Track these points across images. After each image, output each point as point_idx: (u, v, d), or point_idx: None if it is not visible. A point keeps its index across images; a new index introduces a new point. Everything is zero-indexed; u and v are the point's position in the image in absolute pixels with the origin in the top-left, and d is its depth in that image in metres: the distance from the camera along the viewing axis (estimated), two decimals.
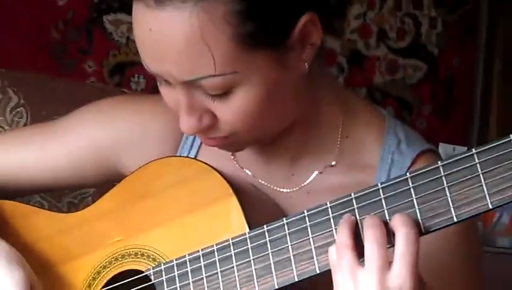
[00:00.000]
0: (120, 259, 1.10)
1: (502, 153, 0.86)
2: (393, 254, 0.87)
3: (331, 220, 0.93)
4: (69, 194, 1.74)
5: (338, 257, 0.90)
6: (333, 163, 1.12)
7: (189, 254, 1.02)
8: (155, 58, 0.99)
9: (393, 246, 0.88)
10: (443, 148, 2.64)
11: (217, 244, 1.00)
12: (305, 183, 1.13)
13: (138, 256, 1.08)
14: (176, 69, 0.97)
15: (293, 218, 0.96)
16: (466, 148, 2.69)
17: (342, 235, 0.90)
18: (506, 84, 3.08)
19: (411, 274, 0.86)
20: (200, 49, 0.94)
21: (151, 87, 2.42)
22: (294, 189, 1.13)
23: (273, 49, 0.98)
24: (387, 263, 0.87)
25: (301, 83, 1.04)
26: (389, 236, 0.89)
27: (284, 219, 0.97)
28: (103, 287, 1.10)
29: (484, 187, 0.86)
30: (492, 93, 3.06)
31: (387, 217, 0.90)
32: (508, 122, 3.05)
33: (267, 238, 0.97)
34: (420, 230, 0.89)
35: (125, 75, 2.47)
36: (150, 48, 0.98)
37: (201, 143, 1.18)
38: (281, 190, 1.13)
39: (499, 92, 3.06)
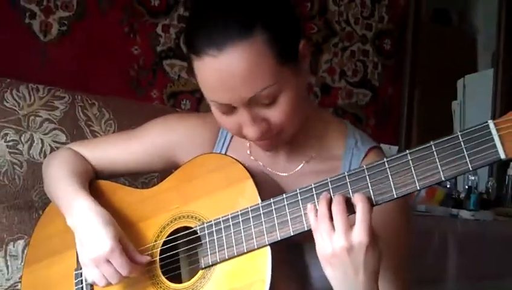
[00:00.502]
0: (177, 219, 1.10)
1: (425, 153, 0.86)
2: (355, 220, 0.88)
3: (314, 195, 0.94)
4: (142, 176, 1.73)
5: (319, 222, 0.91)
6: (314, 156, 1.11)
7: (222, 217, 1.02)
8: (227, 90, 0.95)
9: (354, 213, 0.89)
10: (382, 147, 2.63)
11: (240, 211, 1.00)
12: (297, 169, 1.12)
13: (189, 217, 1.08)
14: (241, 91, 0.94)
15: (290, 194, 0.96)
16: (397, 147, 2.69)
17: (321, 207, 0.91)
18: (422, 105, 3.09)
19: (367, 233, 0.88)
20: (254, 71, 0.93)
21: (194, 108, 2.43)
22: (290, 173, 1.12)
23: (292, 63, 0.97)
24: (349, 226, 0.88)
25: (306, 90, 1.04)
26: (352, 207, 0.90)
27: (284, 194, 0.97)
28: (166, 238, 1.10)
29: (414, 176, 0.87)
30: (414, 112, 3.05)
31: (351, 194, 0.91)
32: (422, 131, 3.05)
33: (273, 207, 0.97)
34: (372, 203, 0.90)
35: (177, 100, 2.45)
36: (222, 83, 0.94)
37: (228, 145, 1.18)
38: (281, 174, 1.12)
39: (417, 110, 3.06)
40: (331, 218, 0.90)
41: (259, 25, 0.92)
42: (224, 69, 0.93)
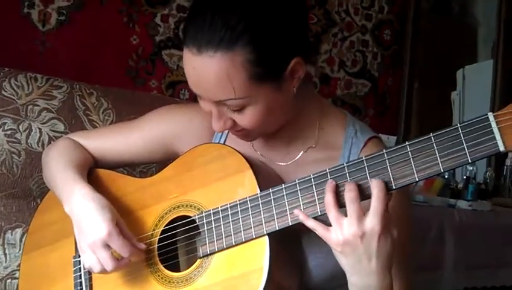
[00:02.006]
0: (176, 208, 1.10)
1: (424, 145, 0.87)
2: (369, 206, 0.89)
3: (313, 186, 0.94)
4: (140, 166, 1.73)
5: (327, 210, 0.91)
6: (313, 145, 1.11)
7: (221, 206, 1.02)
8: (196, 86, 0.99)
9: (367, 199, 0.90)
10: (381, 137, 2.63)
11: (239, 200, 1.01)
12: (296, 159, 1.12)
13: (188, 207, 1.08)
14: (210, 94, 0.98)
15: (289, 184, 0.97)
16: (395, 137, 2.69)
17: (328, 196, 0.91)
18: (421, 96, 3.08)
19: (380, 220, 0.88)
20: (225, 83, 0.95)
21: (192, 97, 2.42)
22: (289, 163, 1.12)
23: (273, 82, 0.99)
24: (362, 212, 0.89)
25: (291, 100, 1.04)
26: (363, 192, 0.90)
27: (283, 184, 0.97)
28: (165, 226, 1.10)
29: (413, 167, 0.87)
30: (413, 102, 3.05)
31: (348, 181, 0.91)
32: (421, 121, 3.05)
33: (272, 197, 0.97)
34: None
35: (176, 89, 2.46)
36: (193, 80, 0.99)
37: (227, 135, 1.18)
38: (280, 163, 1.12)
39: (416, 100, 3.06)
40: (337, 205, 0.90)
41: (244, 38, 0.93)
42: (197, 69, 0.96)
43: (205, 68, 0.95)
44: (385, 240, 0.89)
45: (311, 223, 0.93)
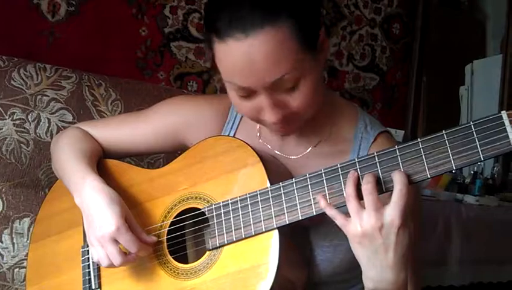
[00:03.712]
0: (185, 200, 1.10)
1: (437, 142, 0.86)
2: (389, 199, 0.88)
3: (324, 181, 0.94)
4: (148, 157, 1.73)
5: (347, 201, 0.91)
6: (323, 140, 1.11)
7: (230, 199, 1.03)
8: (251, 73, 0.94)
9: (385, 192, 0.90)
10: None
11: (249, 194, 1.01)
12: (305, 153, 1.12)
13: (197, 199, 1.08)
14: (265, 76, 0.94)
15: (299, 179, 0.97)
16: (403, 131, 2.68)
17: (349, 188, 0.91)
18: (430, 90, 3.06)
19: (400, 214, 0.88)
20: (278, 56, 0.93)
21: (200, 89, 2.43)
22: (298, 156, 1.12)
23: (313, 52, 0.97)
24: (380, 204, 0.88)
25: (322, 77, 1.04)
26: (381, 185, 0.90)
27: (293, 178, 0.97)
28: (174, 218, 1.10)
29: (425, 164, 0.87)
30: (421, 95, 3.04)
31: (361, 179, 0.91)
32: (429, 116, 3.04)
33: (282, 191, 0.97)
34: (382, 189, 0.90)
35: (184, 81, 2.45)
36: (244, 67, 0.94)
37: (237, 127, 1.17)
38: (290, 157, 1.12)
39: (424, 95, 3.04)
40: (358, 197, 0.90)
41: (285, 12, 0.92)
42: (250, 53, 0.92)
43: (256, 48, 0.92)
44: (403, 234, 0.89)
45: (332, 211, 0.92)
